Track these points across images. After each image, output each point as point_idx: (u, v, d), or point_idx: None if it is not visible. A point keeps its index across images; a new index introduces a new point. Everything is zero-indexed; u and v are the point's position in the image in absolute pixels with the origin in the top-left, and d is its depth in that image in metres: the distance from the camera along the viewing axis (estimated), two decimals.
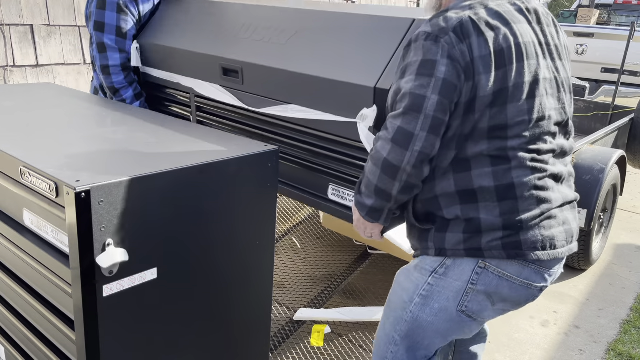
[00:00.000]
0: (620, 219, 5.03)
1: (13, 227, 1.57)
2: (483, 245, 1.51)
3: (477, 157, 1.50)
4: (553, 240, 1.53)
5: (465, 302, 1.57)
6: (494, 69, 1.45)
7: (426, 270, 1.61)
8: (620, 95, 5.75)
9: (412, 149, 1.43)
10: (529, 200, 1.50)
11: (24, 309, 1.65)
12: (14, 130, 1.72)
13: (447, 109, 1.43)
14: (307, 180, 2.07)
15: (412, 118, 1.42)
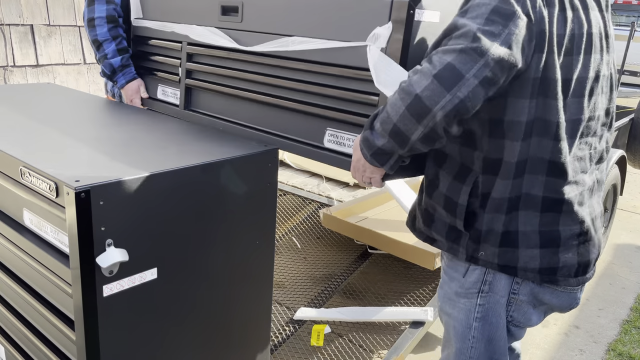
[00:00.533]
0: (620, 219, 5.03)
1: (13, 227, 1.57)
2: (519, 265, 1.42)
3: (535, 158, 1.36)
4: (587, 266, 1.47)
5: (510, 312, 1.51)
6: (563, 54, 1.31)
7: (472, 294, 1.52)
8: (620, 95, 5.75)
9: (454, 93, 1.21)
10: (571, 215, 1.40)
11: (24, 309, 1.65)
12: (14, 130, 1.72)
13: (511, 70, 1.25)
14: (300, 127, 1.89)
15: (470, 59, 1.20)
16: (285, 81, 1.86)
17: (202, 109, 2.24)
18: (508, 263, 1.42)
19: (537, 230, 1.39)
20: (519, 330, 1.58)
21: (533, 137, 1.34)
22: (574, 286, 1.47)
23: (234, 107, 2.10)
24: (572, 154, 1.38)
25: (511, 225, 1.40)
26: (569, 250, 1.41)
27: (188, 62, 2.23)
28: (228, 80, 2.10)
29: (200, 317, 1.63)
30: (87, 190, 1.27)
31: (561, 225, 1.39)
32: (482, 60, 1.20)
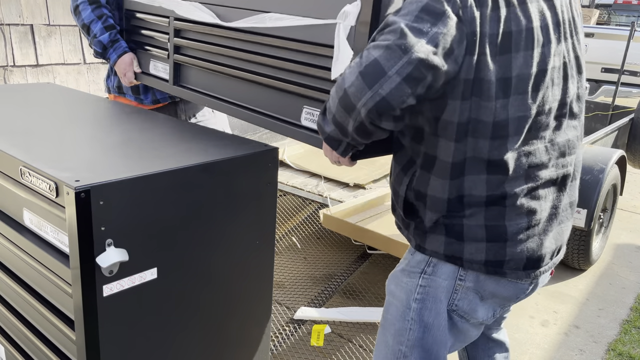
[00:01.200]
0: (620, 219, 5.03)
1: (13, 227, 1.57)
2: (465, 256, 1.40)
3: (473, 158, 1.34)
4: (539, 260, 1.43)
5: (455, 300, 1.46)
6: (499, 53, 1.29)
7: (415, 273, 1.49)
8: (620, 95, 5.75)
9: (376, 90, 1.21)
10: (518, 210, 1.37)
11: (24, 309, 1.65)
12: (14, 130, 1.72)
13: (437, 69, 1.22)
14: (280, 105, 1.85)
15: (394, 55, 1.20)
16: (265, 58, 1.84)
17: (190, 84, 2.23)
18: (454, 254, 1.41)
19: (482, 225, 1.37)
20: (464, 323, 1.51)
21: (469, 138, 1.32)
22: (524, 279, 1.44)
23: (219, 83, 2.09)
24: (517, 150, 1.34)
25: (455, 221, 1.39)
26: (517, 244, 1.38)
27: (176, 38, 2.21)
28: (212, 56, 2.09)
29: (200, 317, 1.63)
30: (87, 190, 1.27)
31: (507, 219, 1.36)
32: (405, 57, 1.19)
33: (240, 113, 1.95)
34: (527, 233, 1.39)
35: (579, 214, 3.53)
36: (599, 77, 7.30)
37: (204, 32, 2.08)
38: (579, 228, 3.60)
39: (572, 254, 3.81)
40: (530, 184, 1.37)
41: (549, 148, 1.40)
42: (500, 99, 1.29)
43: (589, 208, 3.51)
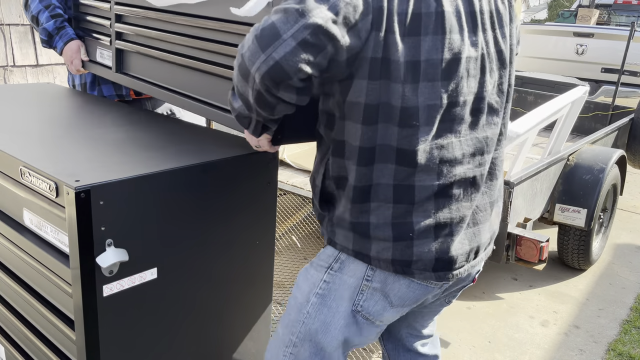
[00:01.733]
0: (620, 219, 5.03)
1: (13, 227, 1.57)
2: (372, 254, 1.34)
3: (383, 146, 1.28)
4: (451, 262, 1.36)
5: (360, 301, 1.39)
6: (407, 34, 1.21)
7: (322, 267, 1.43)
8: (620, 95, 5.75)
9: (269, 54, 1.15)
10: (426, 208, 1.30)
11: (24, 309, 1.65)
12: (14, 130, 1.72)
13: (336, 39, 1.16)
14: (216, 91, 1.78)
15: (291, 18, 1.14)
16: (196, 41, 1.79)
17: (133, 71, 2.17)
18: (362, 250, 1.35)
19: (389, 222, 1.30)
20: (368, 325, 1.43)
21: (380, 124, 1.26)
22: (435, 281, 1.36)
23: (158, 69, 2.04)
24: (429, 143, 1.27)
25: (362, 217, 1.33)
26: (425, 244, 1.32)
27: (117, 23, 2.16)
28: (150, 42, 2.03)
29: (200, 317, 1.63)
30: (87, 190, 1.27)
31: (415, 217, 1.30)
32: (302, 20, 1.13)
33: (179, 101, 1.89)
34: (437, 232, 1.32)
35: (579, 214, 3.53)
36: (599, 77, 7.29)
37: (142, 17, 2.01)
38: (579, 228, 3.60)
39: (572, 254, 3.81)
40: (443, 181, 1.30)
41: (464, 144, 1.32)
42: (409, 83, 1.23)
43: (589, 208, 3.51)
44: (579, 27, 7.70)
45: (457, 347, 3.02)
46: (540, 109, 2.93)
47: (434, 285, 1.38)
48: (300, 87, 1.21)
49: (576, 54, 7.40)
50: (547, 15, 22.69)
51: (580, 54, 7.37)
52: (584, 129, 5.39)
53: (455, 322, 3.26)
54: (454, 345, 3.04)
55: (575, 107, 3.45)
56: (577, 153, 3.73)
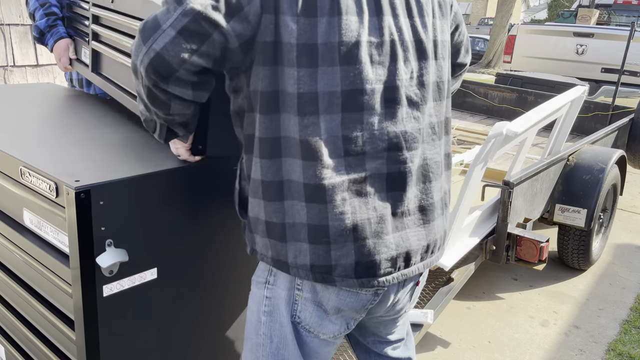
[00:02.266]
0: (620, 219, 5.03)
1: (13, 227, 1.58)
2: (289, 260, 1.24)
3: (287, 139, 1.19)
4: (374, 267, 1.24)
5: (297, 311, 1.30)
6: (301, 15, 1.14)
7: (260, 283, 1.35)
8: (620, 95, 5.75)
9: (150, 45, 1.11)
10: (341, 207, 1.20)
11: (24, 309, 1.65)
12: (14, 130, 1.72)
13: (219, 25, 1.12)
14: None
15: (170, 8, 1.11)
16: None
17: (105, 72, 2.14)
18: (279, 257, 1.25)
19: (305, 223, 1.20)
20: (313, 338, 1.34)
21: (281, 113, 1.19)
22: (359, 287, 1.25)
23: (122, 72, 1.99)
24: (332, 133, 1.18)
25: (276, 216, 1.23)
26: (342, 247, 1.21)
27: (93, 24, 2.14)
28: (116, 44, 1.97)
29: (200, 317, 1.63)
30: (87, 190, 1.27)
31: (330, 216, 1.19)
32: (180, 8, 1.10)
33: (131, 103, 1.83)
34: (355, 235, 1.21)
35: (579, 214, 3.54)
36: (599, 77, 7.30)
37: (109, 19, 1.98)
38: (579, 228, 3.61)
39: (572, 254, 3.82)
40: (352, 175, 1.20)
41: (374, 137, 1.22)
42: (304, 67, 1.15)
43: (589, 208, 3.52)
44: (579, 27, 7.71)
45: (457, 347, 3.02)
46: (539, 109, 2.93)
47: (365, 292, 1.28)
48: (195, 81, 1.18)
49: (576, 54, 7.40)
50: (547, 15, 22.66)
51: (580, 54, 7.37)
52: (584, 129, 5.40)
53: (455, 322, 3.26)
54: (454, 345, 3.04)
55: (575, 107, 3.45)
56: (577, 153, 3.74)
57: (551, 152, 3.58)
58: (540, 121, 2.91)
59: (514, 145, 2.90)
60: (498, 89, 6.07)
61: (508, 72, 7.32)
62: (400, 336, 1.70)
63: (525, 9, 39.68)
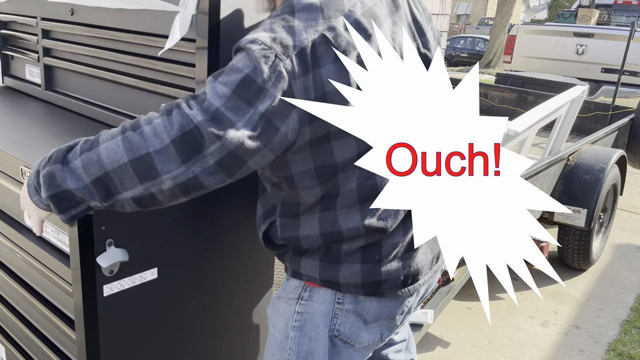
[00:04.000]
0: (620, 219, 5.03)
1: (14, 226, 1.58)
2: (341, 280, 1.30)
3: (346, 192, 1.25)
4: (417, 274, 1.36)
5: (336, 325, 1.34)
6: None
7: (292, 300, 1.38)
8: (620, 95, 5.75)
9: (189, 166, 1.09)
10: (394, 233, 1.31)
11: (25, 309, 1.65)
12: (15, 130, 1.72)
13: (255, 152, 1.12)
14: (141, 105, 1.70)
15: (207, 136, 1.07)
16: (122, 56, 1.73)
17: (63, 89, 2.07)
18: (330, 278, 1.31)
19: (359, 247, 1.29)
20: (347, 349, 1.38)
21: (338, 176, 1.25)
22: (405, 295, 1.36)
23: (88, 86, 1.93)
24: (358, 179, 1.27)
25: (334, 244, 1.30)
26: (390, 263, 1.31)
27: (44, 39, 2.04)
28: (78, 57, 1.93)
29: (200, 317, 1.63)
30: None
31: (384, 241, 1.30)
32: (219, 142, 1.07)
33: (109, 118, 1.81)
34: (399, 250, 1.32)
35: (579, 214, 3.54)
36: (599, 77, 7.30)
37: (69, 32, 1.92)
38: (579, 228, 3.61)
39: (572, 254, 3.82)
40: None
41: None
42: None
43: (589, 208, 3.51)
44: (579, 27, 7.71)
45: (457, 347, 3.03)
46: (538, 108, 2.94)
47: (405, 296, 1.37)
48: None
49: (576, 54, 7.41)
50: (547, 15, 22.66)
51: (580, 54, 7.38)
52: (584, 129, 5.40)
53: (455, 322, 3.26)
54: (454, 345, 3.04)
55: (574, 107, 3.45)
56: (577, 153, 3.74)
57: (551, 152, 3.58)
58: (540, 120, 2.91)
59: (514, 145, 2.90)
60: (498, 89, 6.07)
61: (508, 72, 7.32)
62: (403, 337, 1.72)
63: (525, 9, 39.67)
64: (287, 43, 1.10)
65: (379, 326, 1.39)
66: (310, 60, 1.11)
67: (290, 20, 1.12)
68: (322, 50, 1.11)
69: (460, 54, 20.82)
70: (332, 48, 1.11)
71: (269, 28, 1.12)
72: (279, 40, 1.10)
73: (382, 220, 1.27)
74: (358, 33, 1.11)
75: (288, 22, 1.12)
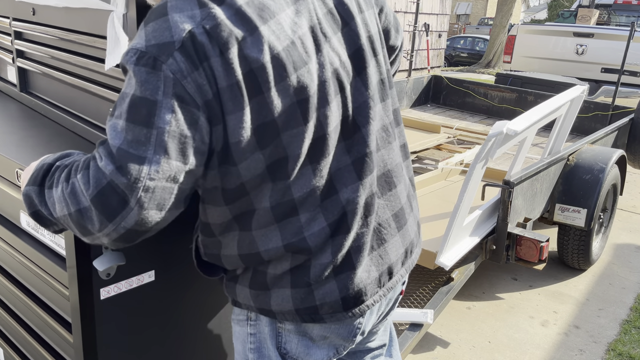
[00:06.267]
0: (620, 219, 5.02)
1: (10, 229, 1.57)
2: (273, 308, 1.20)
3: (260, 210, 1.13)
4: (360, 295, 1.20)
5: (282, 343, 1.26)
6: (248, 102, 1.02)
7: (242, 321, 1.30)
8: (620, 95, 5.75)
9: (117, 222, 0.99)
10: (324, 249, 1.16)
11: (22, 312, 1.65)
12: (10, 132, 1.72)
13: (180, 172, 1.01)
14: (91, 108, 1.65)
15: (125, 185, 0.97)
16: (79, 59, 1.66)
17: (38, 92, 2.02)
18: (263, 306, 1.21)
19: (288, 270, 1.17)
20: None
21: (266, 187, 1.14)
22: (350, 318, 1.22)
23: (59, 90, 1.87)
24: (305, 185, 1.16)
25: (260, 267, 1.20)
26: (323, 285, 1.18)
27: (17, 40, 1.99)
28: (51, 61, 1.86)
29: (198, 319, 1.63)
30: None
31: (313, 262, 1.17)
32: (137, 187, 0.96)
33: (76, 126, 1.74)
34: (330, 271, 1.17)
35: (579, 214, 3.53)
36: (599, 77, 7.30)
37: (39, 34, 1.85)
38: (579, 228, 3.60)
39: (572, 254, 3.81)
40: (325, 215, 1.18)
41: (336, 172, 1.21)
42: (268, 147, 1.10)
43: (589, 208, 3.51)
44: (579, 27, 7.71)
45: (457, 347, 3.02)
46: (538, 108, 2.93)
47: (350, 318, 1.24)
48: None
49: (576, 54, 7.40)
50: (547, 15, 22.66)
51: (580, 54, 7.37)
52: (584, 129, 5.39)
53: (455, 322, 3.26)
54: (454, 345, 3.04)
55: (574, 107, 3.45)
56: (577, 153, 3.73)
57: (551, 152, 3.58)
58: (540, 120, 2.91)
59: (514, 144, 2.90)
60: (498, 89, 6.07)
61: (508, 72, 7.32)
62: (382, 342, 1.60)
63: (525, 9, 39.69)
64: (165, 40, 0.97)
65: (330, 342, 1.29)
66: (195, 54, 0.97)
67: (163, 14, 1.00)
68: (205, 42, 0.98)
69: (460, 54, 20.83)
70: (214, 39, 0.98)
71: (143, 32, 1.00)
72: (155, 41, 0.97)
73: (304, 240, 1.14)
74: (242, 24, 1.01)
75: (161, 16, 1.00)
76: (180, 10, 0.99)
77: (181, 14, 0.99)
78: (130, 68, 0.97)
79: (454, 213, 2.53)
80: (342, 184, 1.17)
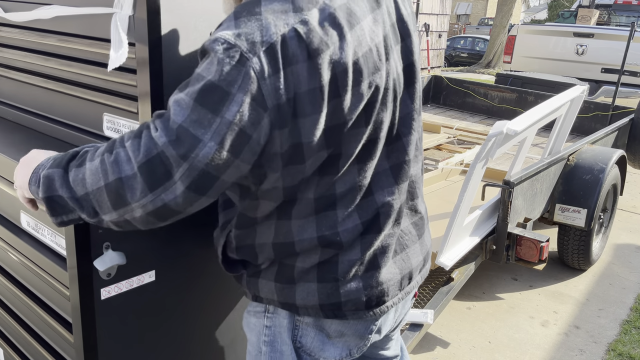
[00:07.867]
0: (620, 219, 5.03)
1: (11, 229, 1.57)
2: (297, 302, 1.23)
3: (303, 200, 1.17)
4: (382, 295, 1.25)
5: (297, 337, 1.29)
6: (326, 105, 1.04)
7: (259, 313, 1.32)
8: (620, 96, 5.75)
9: (157, 194, 1.03)
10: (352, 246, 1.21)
11: (22, 312, 1.65)
12: (10, 132, 1.72)
13: (226, 165, 1.02)
14: (81, 114, 1.61)
15: (172, 160, 1.00)
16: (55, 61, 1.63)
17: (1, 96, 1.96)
18: (287, 300, 1.24)
19: (315, 264, 1.21)
20: None
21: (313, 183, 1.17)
22: (369, 318, 1.27)
23: (21, 92, 1.83)
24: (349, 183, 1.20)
25: (288, 260, 1.23)
26: (349, 282, 1.21)
27: None
28: (14, 62, 1.81)
29: (198, 319, 1.63)
30: None
31: (340, 258, 1.20)
32: (185, 163, 1.00)
33: (42, 125, 1.72)
34: (358, 268, 1.22)
35: (579, 214, 3.53)
36: (599, 78, 7.30)
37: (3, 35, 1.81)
38: (579, 228, 3.60)
39: (572, 254, 3.81)
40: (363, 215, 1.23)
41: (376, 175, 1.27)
42: (332, 146, 1.14)
43: (589, 208, 3.51)
44: (579, 27, 7.71)
45: (457, 347, 3.02)
46: (538, 108, 2.93)
47: (371, 319, 1.29)
48: None
49: (576, 54, 7.41)
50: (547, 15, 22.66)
51: (580, 54, 7.38)
52: (584, 129, 5.39)
53: (455, 322, 3.26)
54: (454, 345, 3.04)
55: (574, 107, 3.45)
56: (577, 153, 3.73)
57: (551, 152, 3.58)
58: (540, 120, 2.91)
59: (514, 144, 2.90)
60: (498, 89, 6.07)
61: (508, 73, 7.32)
62: (395, 353, 1.63)
63: (525, 9, 39.67)
64: (254, 39, 0.98)
65: (346, 342, 1.31)
66: (281, 58, 0.99)
67: (257, 12, 1.01)
68: (294, 46, 0.99)
69: (460, 54, 20.83)
70: (304, 44, 0.99)
71: (234, 23, 1.00)
72: (245, 36, 0.98)
73: (337, 235, 1.18)
74: (333, 29, 1.02)
75: (255, 14, 1.00)
76: (274, 11, 1.01)
77: (275, 15, 1.00)
78: (215, 55, 0.98)
79: (454, 213, 2.53)
80: (379, 187, 1.21)
